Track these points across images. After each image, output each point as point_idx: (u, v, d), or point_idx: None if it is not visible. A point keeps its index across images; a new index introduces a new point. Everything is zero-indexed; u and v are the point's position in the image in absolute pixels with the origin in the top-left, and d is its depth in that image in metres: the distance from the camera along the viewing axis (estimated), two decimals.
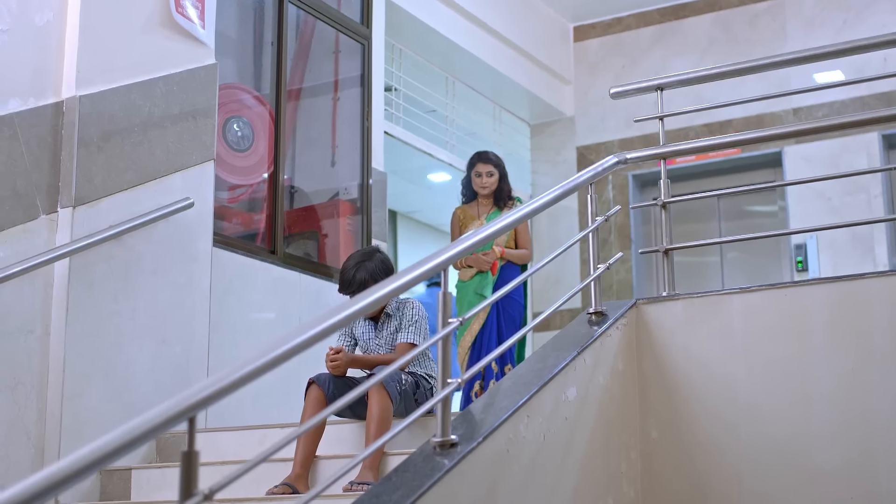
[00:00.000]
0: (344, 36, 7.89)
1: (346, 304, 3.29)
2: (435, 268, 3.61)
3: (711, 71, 5.32)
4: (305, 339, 3.03)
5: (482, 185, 6.97)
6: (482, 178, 6.99)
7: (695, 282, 9.85)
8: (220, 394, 2.73)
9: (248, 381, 2.83)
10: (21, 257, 5.05)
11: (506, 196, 7.05)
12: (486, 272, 6.85)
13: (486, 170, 6.98)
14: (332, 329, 3.14)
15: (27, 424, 5.07)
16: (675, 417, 4.66)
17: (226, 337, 6.31)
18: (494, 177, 7.00)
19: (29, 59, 5.29)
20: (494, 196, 7.03)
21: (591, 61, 10.91)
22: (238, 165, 6.97)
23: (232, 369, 2.78)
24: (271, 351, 2.90)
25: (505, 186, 7.07)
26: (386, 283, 3.43)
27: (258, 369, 2.87)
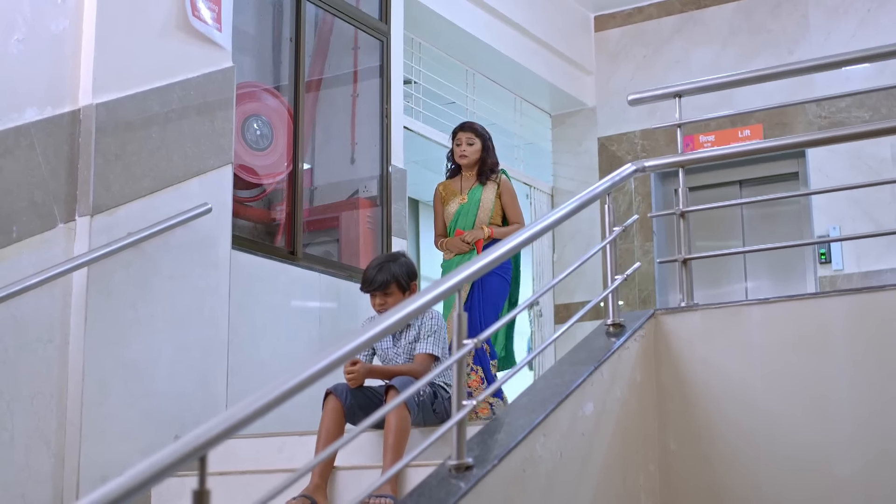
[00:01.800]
0: (362, 32, 7.87)
1: (363, 330, 3.28)
2: (453, 287, 3.59)
3: (731, 78, 5.30)
4: (316, 372, 3.01)
5: (461, 153, 6.73)
6: (461, 147, 6.75)
7: (715, 267, 9.76)
8: (232, 430, 2.71)
9: (262, 416, 2.81)
10: (40, 267, 5.05)
11: (488, 169, 6.77)
12: (472, 250, 6.61)
13: (466, 137, 6.74)
14: (343, 360, 3.13)
15: (47, 434, 5.09)
16: (694, 429, 4.64)
17: (245, 340, 6.32)
18: (475, 146, 6.73)
19: (45, 67, 5.28)
20: (478, 169, 6.77)
21: (612, 51, 10.84)
22: (257, 164, 6.97)
23: (244, 405, 2.78)
24: (283, 384, 2.88)
25: (488, 158, 6.79)
26: (403, 307, 3.43)
27: (271, 403, 2.85)
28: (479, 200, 6.70)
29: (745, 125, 9.90)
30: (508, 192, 6.78)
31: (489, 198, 6.70)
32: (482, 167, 6.74)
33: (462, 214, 6.73)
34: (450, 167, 6.95)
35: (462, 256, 6.58)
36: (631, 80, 10.61)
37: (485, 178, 6.73)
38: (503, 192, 6.75)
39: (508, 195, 6.76)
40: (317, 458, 3.33)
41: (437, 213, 6.89)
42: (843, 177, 9.37)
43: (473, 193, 6.72)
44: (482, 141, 6.75)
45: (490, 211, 6.63)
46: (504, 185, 6.77)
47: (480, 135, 6.76)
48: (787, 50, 9.95)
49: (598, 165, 10.65)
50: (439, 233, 6.90)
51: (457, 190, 6.80)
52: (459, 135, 6.77)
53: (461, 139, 6.73)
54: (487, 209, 6.67)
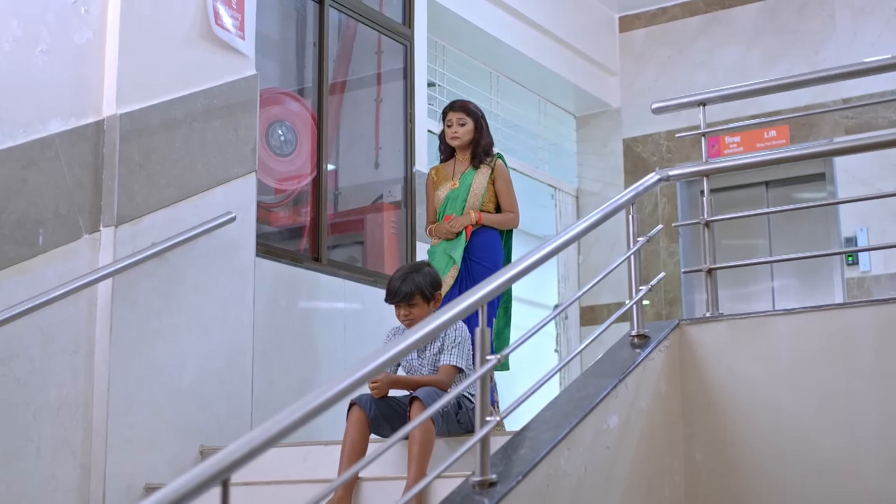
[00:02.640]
0: (386, 37, 7.86)
1: (389, 346, 3.27)
2: (472, 305, 3.58)
3: (755, 86, 5.26)
4: (342, 390, 3.01)
5: (452, 134, 6.22)
6: (452, 128, 6.23)
7: (741, 270, 9.70)
8: (256, 451, 2.72)
9: (287, 436, 2.81)
10: (65, 278, 5.07)
11: (482, 152, 6.26)
12: (459, 237, 6.13)
13: (457, 117, 6.22)
14: (368, 377, 3.12)
15: (73, 444, 5.10)
16: (720, 440, 4.62)
17: (270, 347, 6.33)
18: (467, 126, 6.21)
19: (69, 78, 5.29)
20: (471, 152, 6.27)
21: (636, 52, 10.81)
22: (281, 170, 6.97)
23: (269, 425, 2.79)
24: (309, 403, 2.88)
25: (482, 140, 6.26)
26: (428, 322, 3.42)
27: (297, 422, 2.87)
28: (470, 185, 6.23)
29: (771, 126, 9.84)
30: (503, 178, 6.29)
31: (481, 183, 6.22)
32: (475, 149, 6.25)
33: (451, 199, 6.26)
34: (442, 150, 6.45)
35: (448, 243, 6.16)
36: (656, 80, 10.58)
37: (478, 161, 6.24)
38: (497, 176, 6.26)
39: (502, 180, 6.27)
40: (347, 474, 3.32)
41: (429, 199, 6.43)
42: (870, 177, 9.31)
43: (465, 178, 6.25)
44: (475, 120, 6.25)
45: (481, 197, 6.17)
46: (499, 170, 6.27)
47: (472, 113, 6.27)
48: (813, 50, 9.90)
49: (623, 167, 10.63)
50: (430, 220, 6.42)
51: (449, 174, 6.33)
52: (450, 115, 6.28)
53: (452, 119, 6.24)
54: (478, 195, 6.19)
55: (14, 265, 4.93)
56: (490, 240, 6.15)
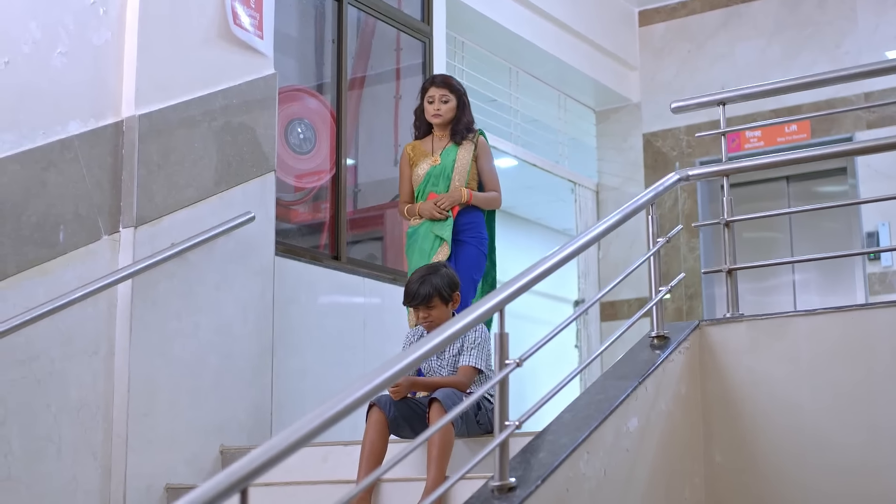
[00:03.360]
0: (404, 34, 7.86)
1: (409, 352, 3.26)
2: (491, 309, 3.57)
3: (775, 85, 5.22)
4: (361, 396, 3.00)
5: (435, 112, 5.91)
6: (434, 104, 5.91)
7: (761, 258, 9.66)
8: (274, 460, 2.70)
9: (305, 444, 2.80)
10: (85, 279, 5.08)
11: (464, 128, 5.95)
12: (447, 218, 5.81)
13: (440, 94, 5.92)
14: (388, 383, 3.12)
15: (94, 445, 5.12)
16: (740, 441, 4.60)
17: (290, 346, 6.34)
18: (450, 103, 5.91)
19: (88, 79, 5.30)
20: (451, 128, 5.96)
21: (656, 46, 10.76)
22: (300, 168, 6.98)
23: (288, 433, 2.76)
24: (329, 410, 2.87)
25: (463, 117, 5.96)
26: (443, 330, 3.41)
27: (315, 430, 2.84)
28: (454, 161, 5.92)
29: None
30: (486, 155, 6.00)
31: (465, 159, 5.93)
32: (456, 126, 5.94)
33: (433, 176, 5.94)
34: (417, 126, 6.11)
35: (433, 223, 5.84)
36: (676, 75, 10.54)
37: (460, 137, 5.93)
38: (480, 153, 5.96)
39: (485, 158, 5.98)
40: (368, 479, 3.30)
41: (404, 177, 6.06)
42: (893, 171, 9.26)
43: (447, 154, 5.93)
44: (458, 97, 5.96)
45: (466, 174, 5.88)
46: (482, 147, 5.99)
47: (456, 90, 5.97)
48: (835, 43, 9.84)
49: (643, 162, 10.59)
50: (404, 199, 6.08)
51: (427, 150, 6.01)
52: (432, 90, 5.95)
53: (434, 96, 5.92)
54: (463, 172, 5.90)
55: (34, 267, 4.95)
56: (477, 219, 5.89)
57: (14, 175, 4.91)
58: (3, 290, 4.82)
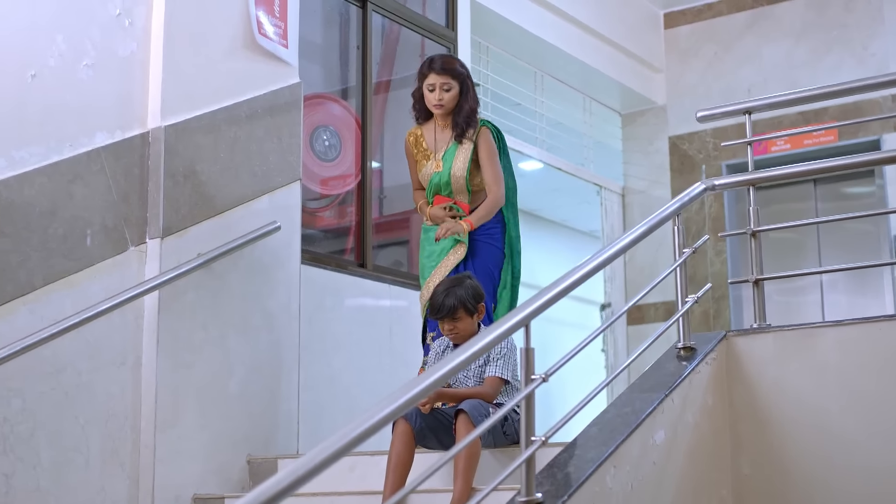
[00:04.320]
0: (429, 40, 7.86)
1: (436, 369, 3.26)
2: (517, 324, 3.56)
3: (801, 94, 5.19)
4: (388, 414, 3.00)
5: (436, 101, 5.48)
6: (436, 93, 5.48)
7: (789, 263, 9.61)
8: (297, 483, 2.70)
9: (331, 464, 2.80)
10: (112, 290, 5.10)
11: (464, 120, 5.50)
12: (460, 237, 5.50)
13: (441, 81, 5.48)
14: (415, 400, 3.11)
15: (122, 456, 5.14)
16: (768, 453, 4.57)
17: (317, 355, 6.35)
18: (452, 91, 5.49)
19: (114, 91, 5.32)
20: (452, 119, 5.54)
21: (682, 48, 10.72)
22: (326, 175, 6.99)
23: (312, 455, 2.76)
24: (349, 434, 2.87)
25: (465, 104, 5.51)
26: (470, 346, 3.41)
27: (339, 452, 2.85)
28: (451, 168, 5.56)
29: (818, 121, 9.73)
30: (486, 150, 5.54)
31: (462, 164, 5.54)
32: (457, 116, 5.52)
33: (436, 185, 5.64)
34: (417, 109, 5.71)
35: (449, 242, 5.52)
36: (702, 77, 10.50)
37: (460, 131, 5.50)
38: (480, 148, 5.53)
39: (485, 153, 5.53)
40: (399, 494, 3.31)
41: (411, 165, 5.83)
42: None
43: (447, 158, 5.57)
44: (460, 82, 5.51)
45: (465, 180, 5.52)
46: (482, 142, 5.54)
47: (459, 75, 5.52)
48: (862, 45, 9.78)
49: (670, 165, 10.55)
50: (416, 186, 5.86)
51: (429, 148, 5.65)
52: (432, 77, 5.50)
53: (434, 84, 5.49)
54: (461, 178, 5.55)
55: (61, 279, 4.97)
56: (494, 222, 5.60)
57: (41, 187, 4.93)
58: (31, 303, 4.84)
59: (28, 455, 4.77)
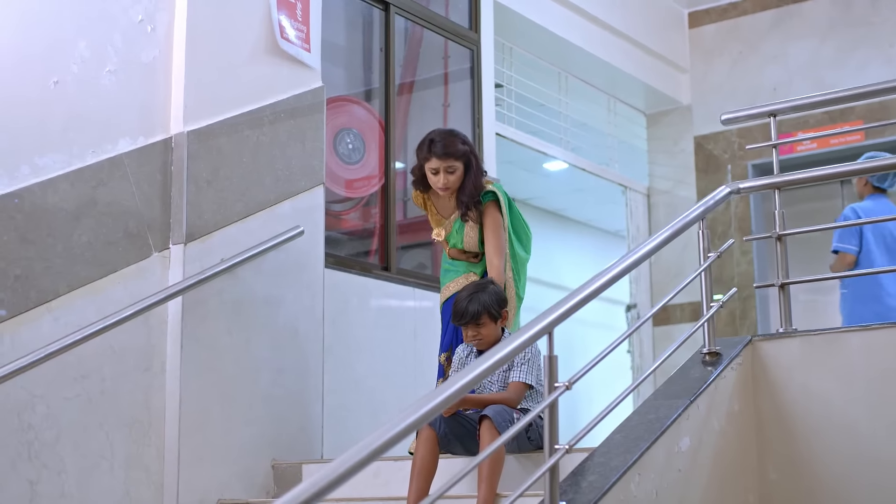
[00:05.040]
0: (452, 42, 7.84)
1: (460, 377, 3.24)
2: (540, 332, 3.54)
3: (827, 97, 5.15)
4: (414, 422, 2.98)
5: (442, 186, 5.24)
6: (440, 177, 5.22)
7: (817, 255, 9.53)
8: (319, 495, 2.69)
9: (354, 474, 2.79)
10: (135, 296, 5.10)
11: (468, 200, 5.24)
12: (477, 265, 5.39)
13: (445, 165, 5.21)
14: (440, 409, 3.10)
15: (146, 461, 5.14)
16: (795, 458, 4.54)
17: (341, 359, 6.34)
18: (457, 173, 5.23)
19: (136, 97, 5.32)
20: (457, 197, 5.31)
21: (706, 48, 10.66)
22: (350, 178, 6.98)
23: (331, 469, 2.75)
24: (379, 438, 2.86)
25: (469, 184, 5.23)
26: (493, 353, 3.39)
27: (361, 462, 2.84)
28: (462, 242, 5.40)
29: (844, 120, 9.66)
30: (491, 225, 5.29)
31: (472, 242, 5.38)
32: (461, 195, 5.27)
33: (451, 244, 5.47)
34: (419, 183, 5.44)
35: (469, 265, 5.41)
36: (727, 76, 10.44)
37: (464, 208, 5.27)
38: (486, 223, 5.30)
39: (490, 227, 5.28)
40: (425, 502, 3.30)
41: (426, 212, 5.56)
42: None
43: (456, 232, 5.40)
44: (465, 162, 5.24)
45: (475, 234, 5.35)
46: (488, 216, 5.31)
47: (461, 155, 5.22)
48: (889, 43, 9.70)
49: (695, 165, 10.49)
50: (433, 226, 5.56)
51: (439, 213, 5.47)
52: (434, 162, 5.22)
53: (438, 167, 5.22)
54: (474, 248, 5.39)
55: (85, 285, 4.98)
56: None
57: (65, 194, 4.94)
58: (55, 309, 4.85)
59: (53, 461, 4.78)
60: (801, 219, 9.16)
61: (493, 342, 4.85)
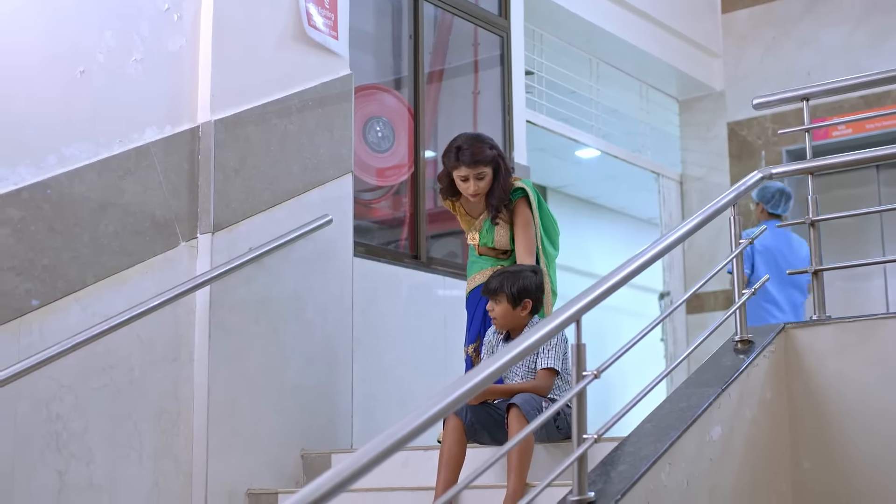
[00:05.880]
0: (482, 29, 7.79)
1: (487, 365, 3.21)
2: (567, 320, 3.50)
3: (860, 80, 5.06)
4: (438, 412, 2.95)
5: (472, 192, 5.23)
6: (470, 184, 5.21)
7: (850, 247, 9.44)
8: (343, 485, 2.65)
9: (378, 464, 2.76)
10: (163, 286, 5.09)
11: (497, 203, 5.23)
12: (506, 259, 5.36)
13: (474, 173, 5.19)
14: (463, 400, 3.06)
15: (175, 452, 5.13)
16: (829, 446, 4.47)
17: (370, 349, 6.31)
18: (487, 178, 5.21)
19: (163, 86, 5.30)
20: (486, 200, 5.28)
21: (739, 33, 10.54)
22: (379, 167, 6.94)
23: (356, 458, 2.71)
24: (395, 434, 2.82)
25: (498, 188, 5.22)
26: (520, 342, 3.35)
27: (386, 451, 2.80)
28: (493, 241, 5.38)
29: (880, 105, 9.54)
30: (521, 222, 5.29)
31: (503, 241, 5.35)
32: (490, 198, 5.26)
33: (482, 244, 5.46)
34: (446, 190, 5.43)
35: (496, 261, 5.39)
36: (760, 62, 10.32)
37: (494, 211, 5.27)
38: (516, 220, 5.29)
39: (521, 224, 5.28)
40: (450, 493, 3.27)
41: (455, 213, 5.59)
42: None
43: (486, 234, 5.39)
44: (494, 167, 5.21)
45: (506, 234, 5.33)
46: (518, 214, 5.30)
47: (490, 161, 5.20)
48: None
49: (728, 151, 10.39)
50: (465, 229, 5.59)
51: (468, 214, 5.48)
52: (463, 170, 5.19)
53: (467, 175, 5.19)
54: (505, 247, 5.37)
55: (112, 275, 4.97)
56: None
57: (91, 184, 4.93)
58: (83, 300, 4.84)
59: (81, 452, 4.77)
60: (838, 205, 9.04)
61: (507, 324, 4.85)
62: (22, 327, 4.62)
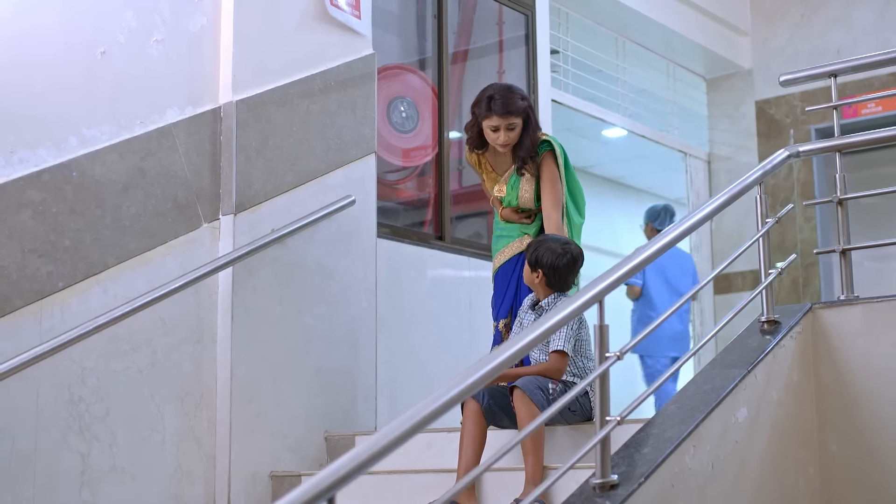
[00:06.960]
0: (507, 7, 7.73)
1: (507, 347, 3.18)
2: (591, 300, 3.45)
3: (887, 55, 4.97)
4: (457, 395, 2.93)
5: (502, 143, 5.21)
6: (500, 134, 5.18)
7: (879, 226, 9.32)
8: (363, 466, 2.62)
9: (396, 447, 2.73)
10: (186, 268, 5.07)
11: (525, 155, 5.21)
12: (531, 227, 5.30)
13: (506, 123, 5.15)
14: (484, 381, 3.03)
15: (198, 433, 5.12)
16: (857, 429, 4.41)
17: (394, 330, 6.28)
18: (517, 129, 5.19)
19: (184, 67, 5.28)
20: (514, 152, 5.27)
21: (768, 11, 10.41)
22: (404, 147, 6.90)
23: (373, 441, 2.68)
24: (415, 416, 2.80)
25: (527, 139, 5.20)
26: (543, 322, 3.32)
27: (404, 434, 2.78)
28: (518, 195, 5.32)
29: None
30: (548, 176, 5.24)
31: (528, 196, 5.29)
32: (518, 150, 5.25)
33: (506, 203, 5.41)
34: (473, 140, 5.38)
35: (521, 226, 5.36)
36: (789, 40, 10.19)
37: (521, 163, 5.24)
38: (543, 174, 5.25)
39: (548, 179, 5.23)
40: (469, 476, 3.23)
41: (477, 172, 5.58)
42: None
43: (512, 186, 5.33)
44: (524, 117, 5.19)
45: (533, 203, 5.30)
46: (545, 167, 5.26)
47: (521, 112, 5.17)
48: None
49: (756, 130, 10.27)
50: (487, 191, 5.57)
51: (494, 170, 5.43)
52: (494, 119, 5.16)
53: (498, 125, 5.16)
54: (529, 203, 5.31)
55: (134, 257, 4.95)
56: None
57: (113, 165, 4.91)
58: (104, 282, 4.83)
59: (104, 434, 4.76)
60: (867, 184, 8.93)
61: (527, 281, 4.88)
62: (44, 310, 4.61)
